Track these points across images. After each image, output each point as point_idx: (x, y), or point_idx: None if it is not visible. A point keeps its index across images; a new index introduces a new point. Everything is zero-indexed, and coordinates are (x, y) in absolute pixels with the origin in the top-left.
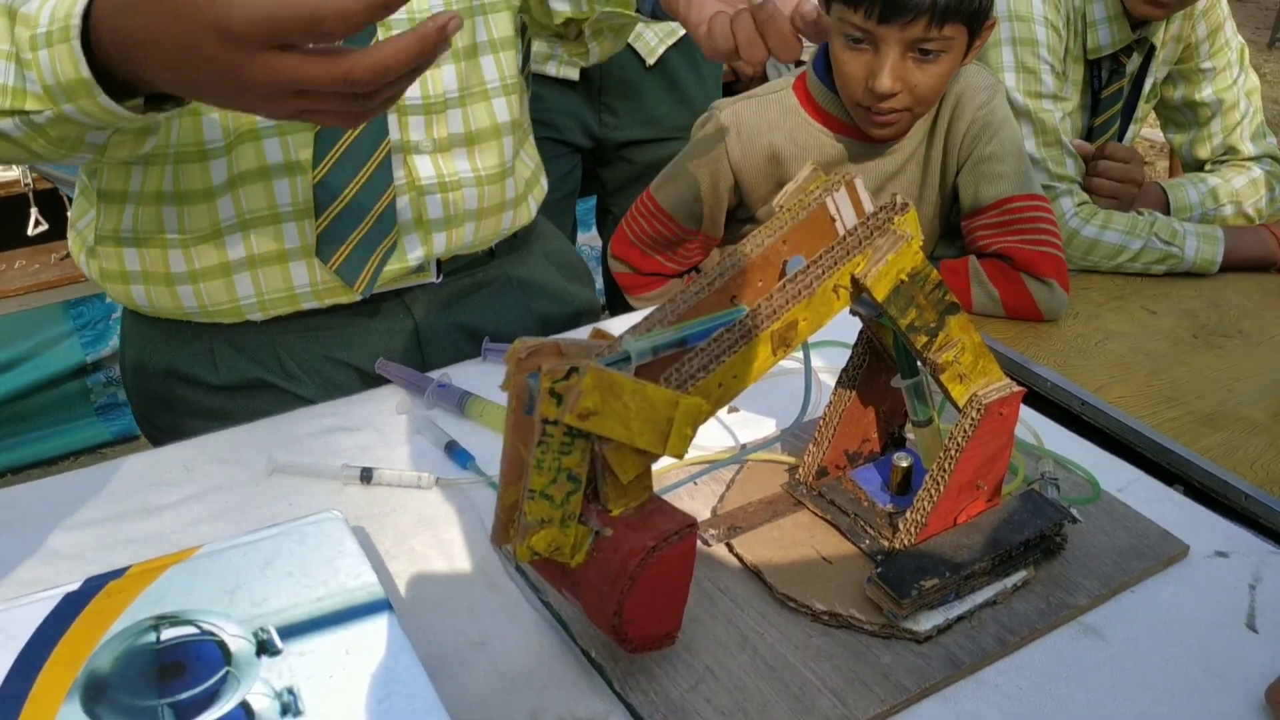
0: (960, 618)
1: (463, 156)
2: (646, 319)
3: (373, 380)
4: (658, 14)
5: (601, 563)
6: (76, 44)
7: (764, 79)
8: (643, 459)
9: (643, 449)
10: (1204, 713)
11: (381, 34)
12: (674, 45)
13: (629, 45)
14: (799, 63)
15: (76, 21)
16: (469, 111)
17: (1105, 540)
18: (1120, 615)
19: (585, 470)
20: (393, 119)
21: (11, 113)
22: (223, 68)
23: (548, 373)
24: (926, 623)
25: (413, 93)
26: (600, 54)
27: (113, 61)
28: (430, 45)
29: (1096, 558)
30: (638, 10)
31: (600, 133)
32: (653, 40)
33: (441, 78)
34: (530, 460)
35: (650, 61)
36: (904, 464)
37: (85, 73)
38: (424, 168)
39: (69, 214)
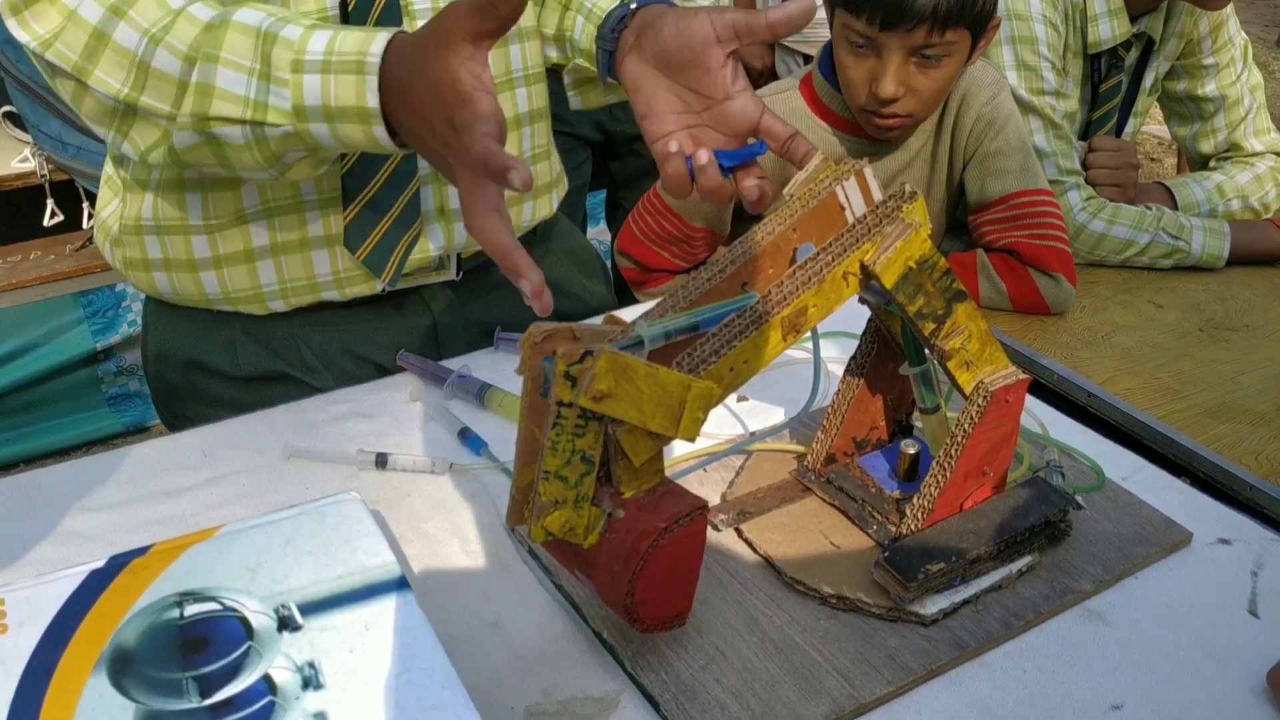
0: (966, 601)
1: None
2: (659, 305)
3: (390, 374)
4: (609, 80)
5: (614, 544)
6: (372, 79)
7: (773, 75)
8: (655, 442)
9: (655, 432)
10: (1206, 696)
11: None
12: None
13: None
14: (806, 59)
15: (374, 61)
16: None
17: (1109, 527)
18: (1124, 600)
19: (598, 452)
20: None
21: (248, 122)
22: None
23: (563, 356)
24: (933, 606)
25: None
26: (583, 103)
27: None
28: None
29: (1101, 544)
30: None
31: (611, 126)
32: None
33: None
34: (545, 442)
35: None
36: (911, 451)
37: (372, 103)
38: None
39: (91, 205)
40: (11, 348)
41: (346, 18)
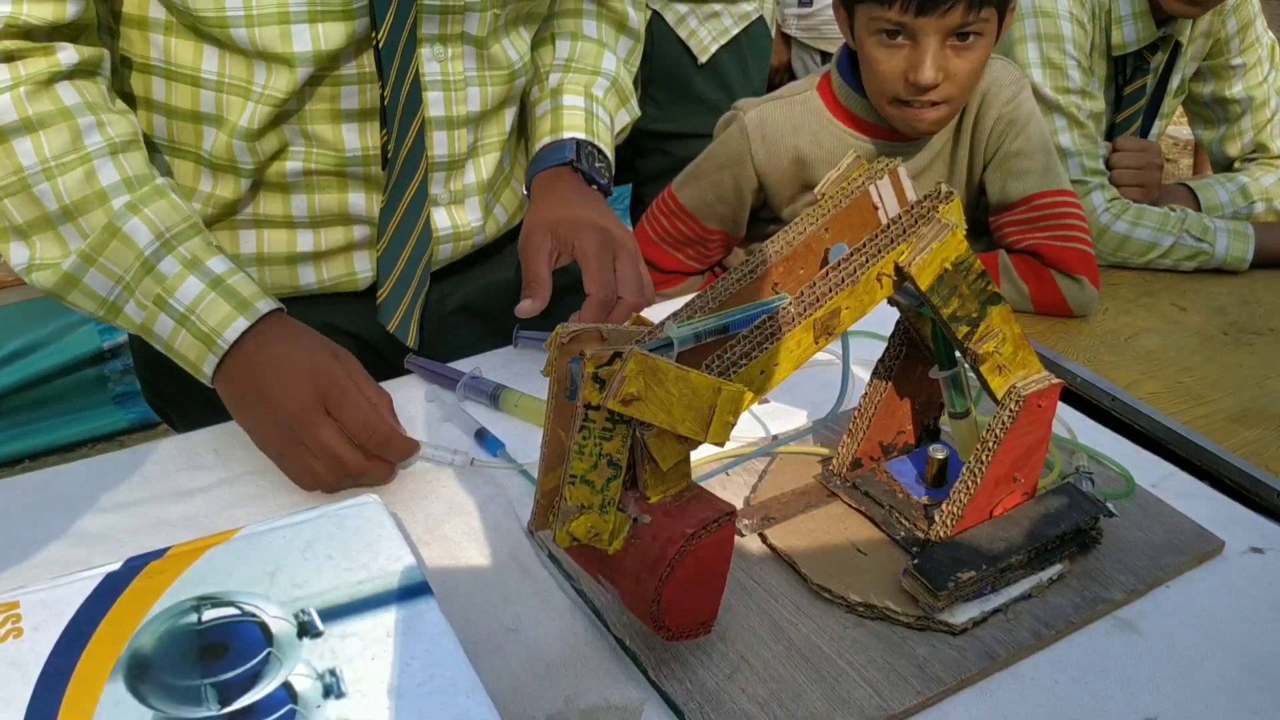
0: (996, 611)
1: (475, 206)
2: (688, 305)
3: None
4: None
5: (640, 550)
6: (214, 359)
7: (790, 73)
8: (683, 446)
9: (684, 436)
10: (1240, 708)
11: None
12: (725, 45)
13: (682, 42)
14: (824, 56)
15: (223, 345)
16: (480, 162)
17: (1140, 535)
18: (1156, 610)
19: (625, 456)
20: (425, 177)
21: (100, 316)
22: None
23: (591, 357)
24: (962, 615)
25: (440, 151)
26: None
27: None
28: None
29: (1132, 552)
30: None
31: (641, 123)
32: (706, 39)
33: (466, 136)
34: (571, 446)
35: (703, 60)
36: (939, 456)
37: (207, 370)
38: (440, 219)
39: None
40: (18, 346)
41: (384, 106)
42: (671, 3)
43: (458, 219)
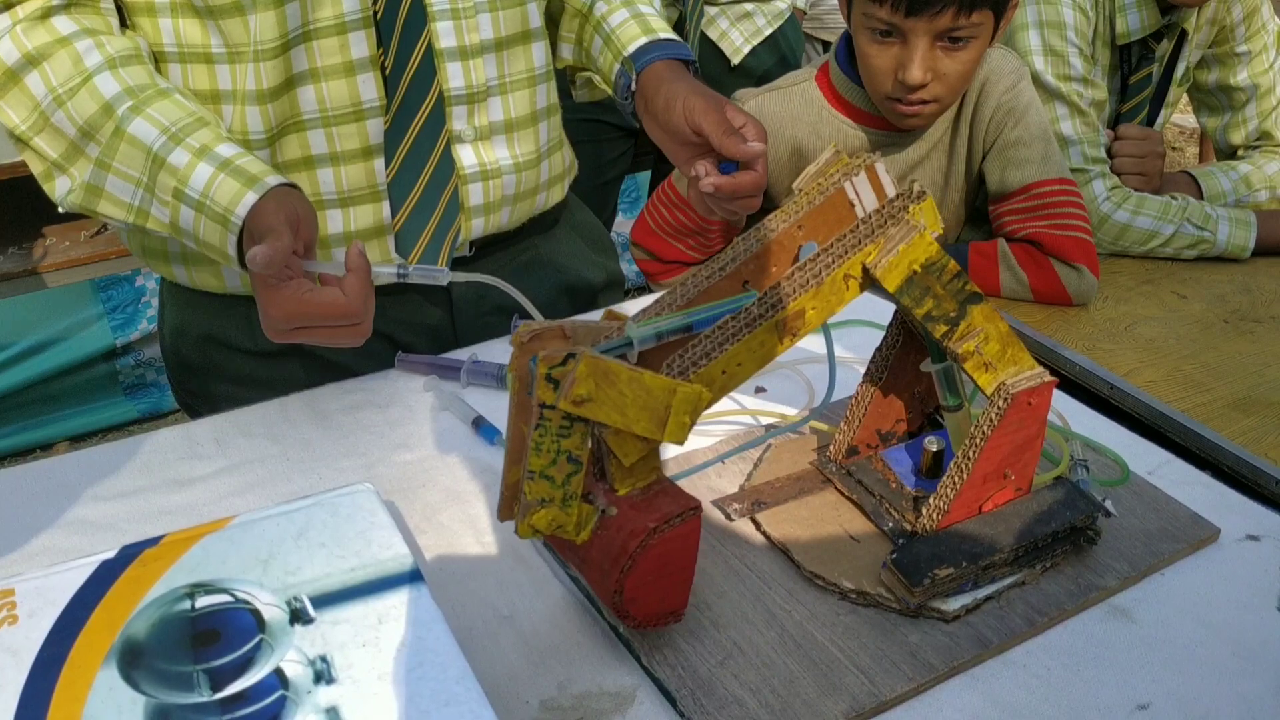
0: (989, 598)
1: (502, 144)
2: (657, 302)
3: (407, 349)
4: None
5: (605, 541)
6: (233, 236)
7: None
8: (644, 443)
9: (641, 435)
10: (1232, 695)
11: None
12: (761, 43)
13: (714, 44)
14: (825, 45)
15: (237, 223)
16: (509, 99)
17: (1135, 523)
18: (1150, 597)
19: (586, 452)
20: (440, 109)
21: (131, 224)
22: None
23: (544, 358)
24: (955, 602)
25: (456, 83)
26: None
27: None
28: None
29: (1126, 540)
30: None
31: None
32: (738, 40)
33: (483, 68)
34: (529, 442)
35: (735, 61)
36: (934, 448)
37: (231, 251)
38: (467, 156)
39: None
40: (32, 343)
41: (377, 23)
42: (701, 4)
43: (485, 156)
